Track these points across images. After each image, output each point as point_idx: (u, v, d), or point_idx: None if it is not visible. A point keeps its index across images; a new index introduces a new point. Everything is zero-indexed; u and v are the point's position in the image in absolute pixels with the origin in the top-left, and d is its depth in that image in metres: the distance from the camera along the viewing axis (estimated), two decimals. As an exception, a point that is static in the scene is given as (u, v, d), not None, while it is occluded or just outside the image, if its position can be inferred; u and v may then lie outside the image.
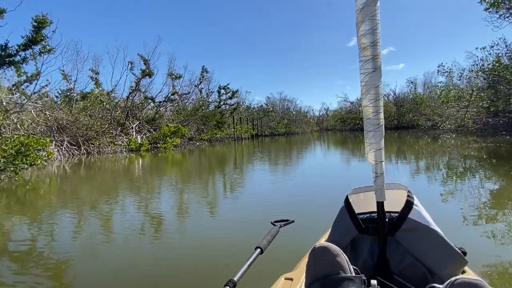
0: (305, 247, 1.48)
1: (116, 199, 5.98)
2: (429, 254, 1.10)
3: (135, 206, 5.17)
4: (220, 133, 25.87)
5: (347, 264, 0.92)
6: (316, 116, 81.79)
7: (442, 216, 3.41)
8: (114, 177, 9.07)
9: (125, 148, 18.11)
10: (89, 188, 7.48)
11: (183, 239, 3.46)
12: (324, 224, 1.83)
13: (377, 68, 1.12)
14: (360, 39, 1.14)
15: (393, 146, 15.75)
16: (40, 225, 4.29)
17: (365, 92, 1.14)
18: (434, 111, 24.17)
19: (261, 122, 49.83)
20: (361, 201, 1.32)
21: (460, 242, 1.20)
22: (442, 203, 4.45)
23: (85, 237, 3.68)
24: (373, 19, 1.10)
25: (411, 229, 1.13)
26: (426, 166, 8.43)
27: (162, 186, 7.26)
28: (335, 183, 6.83)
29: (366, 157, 1.20)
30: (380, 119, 1.14)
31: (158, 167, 11.50)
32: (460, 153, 10.61)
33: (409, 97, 51.38)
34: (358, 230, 1.22)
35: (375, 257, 1.20)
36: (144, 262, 2.79)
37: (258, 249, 1.25)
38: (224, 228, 3.75)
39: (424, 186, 5.61)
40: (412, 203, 1.15)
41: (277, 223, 1.56)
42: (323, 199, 4.96)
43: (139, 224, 4.04)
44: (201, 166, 11.54)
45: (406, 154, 11.90)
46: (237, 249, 2.96)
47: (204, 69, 32.62)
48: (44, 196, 6.71)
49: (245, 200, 5.45)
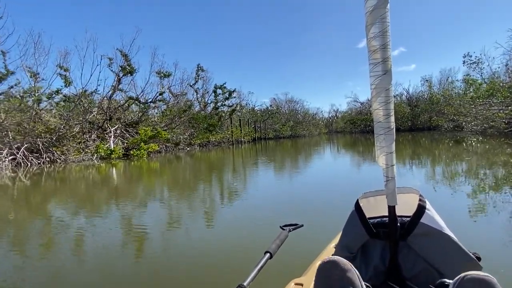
0: (314, 252, 1.63)
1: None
2: (442, 259, 1.08)
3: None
4: (212, 137, 23.15)
5: (359, 279, 0.87)
6: (325, 118, 79.22)
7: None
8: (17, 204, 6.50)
9: (97, 155, 15.65)
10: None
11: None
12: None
13: (388, 71, 1.10)
14: (369, 42, 1.12)
15: (407, 149, 12.76)
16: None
17: (376, 95, 1.13)
18: (457, 110, 20.72)
19: (265, 125, 47.03)
20: (372, 206, 1.29)
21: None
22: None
23: None
24: (383, 22, 1.08)
25: (423, 233, 1.11)
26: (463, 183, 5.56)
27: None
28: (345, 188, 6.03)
29: (377, 160, 1.17)
30: (390, 122, 1.12)
31: (104, 184, 8.90)
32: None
33: (424, 96, 47.78)
34: (369, 235, 1.19)
35: (386, 262, 1.18)
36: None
37: (268, 254, 1.23)
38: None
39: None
40: (424, 207, 1.13)
41: (286, 227, 1.51)
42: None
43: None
44: (163, 183, 8.87)
45: (424, 163, 8.97)
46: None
47: (199, 67, 30.20)
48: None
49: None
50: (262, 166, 11.12)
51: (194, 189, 7.20)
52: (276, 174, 9.27)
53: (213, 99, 29.68)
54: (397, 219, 1.15)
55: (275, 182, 7.77)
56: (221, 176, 9.08)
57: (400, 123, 46.17)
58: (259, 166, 11.16)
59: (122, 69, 19.51)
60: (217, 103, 29.92)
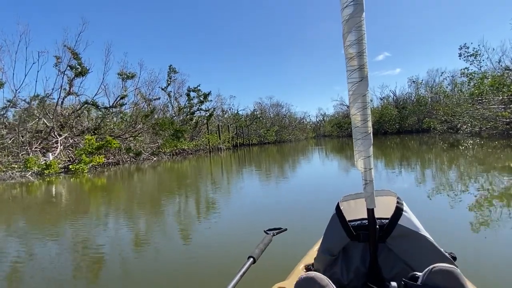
0: (298, 255, 1.62)
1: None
2: (419, 259, 1.10)
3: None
4: (181, 145, 20.38)
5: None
6: (312, 122, 77.86)
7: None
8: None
9: (30, 171, 12.79)
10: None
11: None
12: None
13: (364, 77, 1.12)
14: (346, 49, 1.14)
15: (395, 155, 10.56)
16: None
17: (353, 101, 1.15)
18: (453, 110, 18.61)
19: (248, 130, 44.62)
20: (352, 208, 1.31)
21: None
22: None
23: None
24: (359, 30, 1.10)
25: (401, 235, 1.13)
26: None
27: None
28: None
29: (356, 164, 1.18)
30: (368, 127, 1.14)
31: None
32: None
33: (412, 98, 46.51)
34: (349, 238, 1.20)
35: (367, 264, 1.19)
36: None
37: (251, 259, 1.23)
38: None
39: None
40: (401, 209, 1.15)
41: (270, 231, 1.53)
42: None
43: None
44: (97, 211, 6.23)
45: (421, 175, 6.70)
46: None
47: (171, 68, 27.65)
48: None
49: None
50: (242, 181, 8.64)
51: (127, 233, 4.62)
52: (261, 182, 6.83)
53: (187, 103, 27.06)
54: (376, 221, 1.17)
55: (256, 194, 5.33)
56: (173, 199, 6.52)
57: (388, 126, 44.70)
58: (236, 181, 8.68)
59: (70, 68, 16.75)
60: (191, 107, 27.31)
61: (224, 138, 29.72)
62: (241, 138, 40.06)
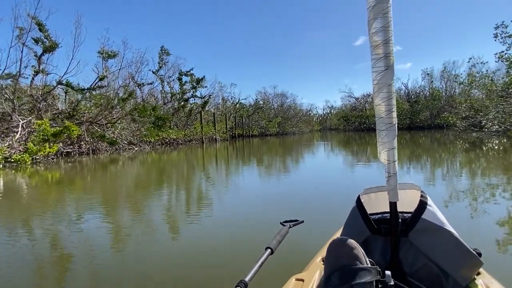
0: (315, 248, 1.57)
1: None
2: (443, 255, 1.06)
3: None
4: (162, 134, 18.15)
5: (363, 256, 0.92)
6: (319, 114, 75.31)
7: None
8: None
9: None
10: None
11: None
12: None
13: (390, 66, 1.07)
14: (372, 37, 1.09)
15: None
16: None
17: (378, 90, 1.10)
18: (481, 104, 15.84)
19: (249, 120, 42.26)
20: (373, 202, 1.27)
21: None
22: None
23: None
24: (385, 17, 1.05)
25: (424, 229, 1.09)
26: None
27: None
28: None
29: (379, 156, 1.14)
30: (392, 118, 1.09)
31: None
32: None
33: (425, 92, 43.38)
34: (370, 231, 1.18)
35: (387, 258, 1.16)
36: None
37: (269, 250, 1.19)
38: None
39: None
40: (425, 203, 1.11)
41: (287, 223, 1.48)
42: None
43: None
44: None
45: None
46: None
47: (163, 50, 25.29)
48: None
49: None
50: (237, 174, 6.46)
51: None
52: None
53: (179, 89, 24.77)
54: (398, 215, 1.13)
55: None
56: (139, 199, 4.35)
57: (398, 121, 40.49)
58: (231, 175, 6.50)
59: (36, 42, 14.54)
60: (184, 93, 25.02)
61: (219, 128, 27.45)
62: (240, 128, 37.78)
